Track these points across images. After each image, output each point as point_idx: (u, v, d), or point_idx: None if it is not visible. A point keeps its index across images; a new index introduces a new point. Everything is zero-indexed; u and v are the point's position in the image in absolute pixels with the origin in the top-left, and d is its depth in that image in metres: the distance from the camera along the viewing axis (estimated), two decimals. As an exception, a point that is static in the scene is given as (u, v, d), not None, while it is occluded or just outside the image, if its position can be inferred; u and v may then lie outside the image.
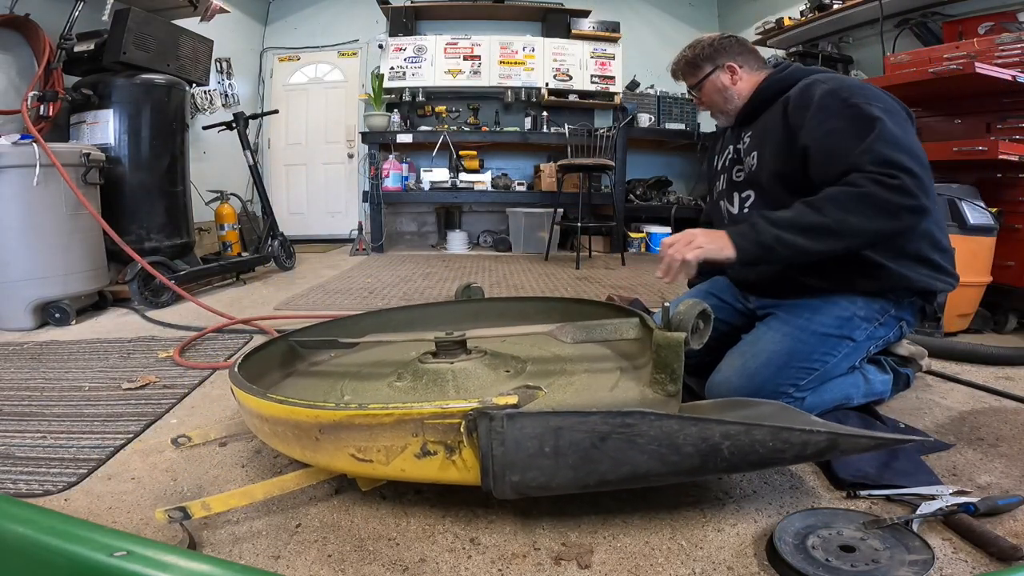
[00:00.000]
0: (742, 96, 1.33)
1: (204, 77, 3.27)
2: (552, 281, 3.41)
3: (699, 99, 1.41)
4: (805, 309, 1.24)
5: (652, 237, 5.00)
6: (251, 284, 3.33)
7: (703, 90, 1.37)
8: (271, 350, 1.31)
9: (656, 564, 0.81)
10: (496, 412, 0.78)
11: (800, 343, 1.20)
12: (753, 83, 1.33)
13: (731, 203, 1.38)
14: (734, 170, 1.37)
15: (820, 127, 1.13)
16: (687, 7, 5.73)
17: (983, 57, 2.24)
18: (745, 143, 1.33)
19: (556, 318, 1.50)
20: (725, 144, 1.45)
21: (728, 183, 1.40)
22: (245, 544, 0.86)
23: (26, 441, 1.21)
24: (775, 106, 1.26)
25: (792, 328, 1.23)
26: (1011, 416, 1.34)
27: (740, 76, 1.33)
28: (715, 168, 1.50)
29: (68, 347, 1.94)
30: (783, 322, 1.25)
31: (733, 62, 1.33)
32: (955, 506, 0.88)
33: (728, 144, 1.43)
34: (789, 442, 0.82)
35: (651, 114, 5.34)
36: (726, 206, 1.40)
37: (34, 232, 2.17)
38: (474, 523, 0.91)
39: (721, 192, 1.44)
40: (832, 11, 3.75)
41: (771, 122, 1.25)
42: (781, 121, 1.21)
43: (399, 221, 5.66)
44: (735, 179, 1.37)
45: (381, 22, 5.39)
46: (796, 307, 1.26)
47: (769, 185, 1.25)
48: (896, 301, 1.23)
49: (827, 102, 1.13)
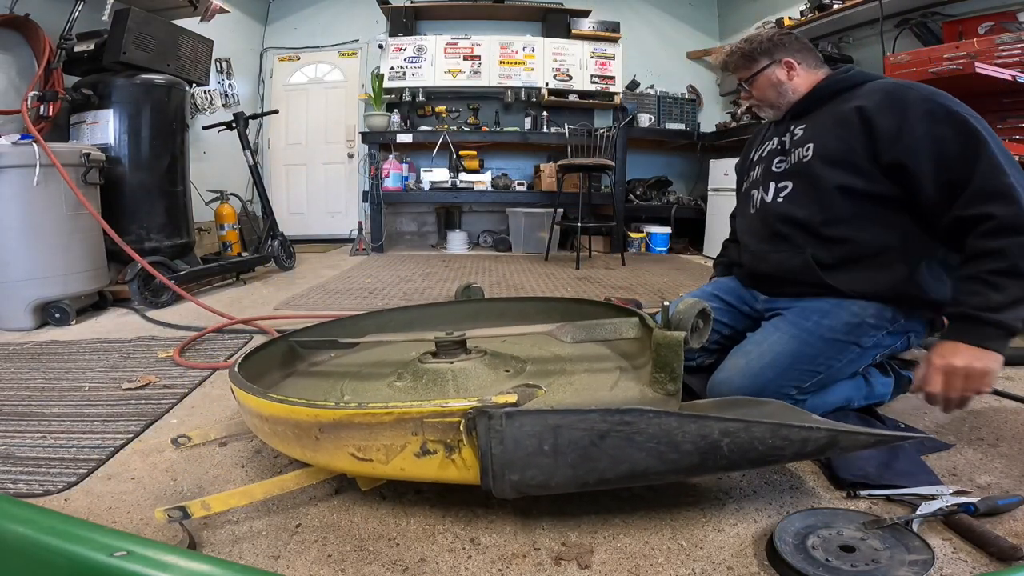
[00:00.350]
0: (797, 92, 1.34)
1: (204, 77, 3.27)
2: (552, 281, 3.41)
3: (749, 92, 1.40)
4: (814, 312, 1.23)
5: (652, 237, 5.00)
6: (251, 284, 3.33)
7: (756, 83, 1.37)
8: (271, 350, 1.31)
9: (656, 564, 0.81)
10: (495, 411, 0.78)
11: (806, 346, 1.20)
12: (811, 80, 1.33)
13: (766, 191, 1.37)
14: (775, 160, 1.37)
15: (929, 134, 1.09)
16: (687, 7, 5.73)
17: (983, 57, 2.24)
18: (796, 135, 1.32)
19: (556, 318, 1.50)
20: (767, 136, 1.45)
21: (764, 172, 1.39)
22: (245, 544, 0.86)
23: (26, 441, 1.21)
24: (837, 103, 1.26)
25: (799, 330, 1.22)
26: (1011, 416, 1.34)
27: (797, 72, 1.33)
28: (749, 159, 1.50)
29: (68, 347, 1.94)
30: (791, 324, 1.24)
31: (791, 58, 1.33)
32: (955, 506, 0.88)
33: (771, 136, 1.42)
34: (789, 439, 0.81)
35: (651, 114, 5.34)
36: (760, 194, 1.39)
37: (34, 232, 2.17)
38: (474, 523, 0.91)
39: (755, 181, 1.43)
40: (832, 11, 3.75)
41: (835, 118, 1.24)
42: (857, 120, 1.19)
43: (399, 221, 5.66)
44: (774, 169, 1.36)
45: (381, 22, 5.39)
46: (805, 309, 1.25)
47: (819, 175, 1.23)
48: (908, 312, 1.23)
49: (931, 108, 1.11)
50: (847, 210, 1.21)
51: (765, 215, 1.36)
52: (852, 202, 1.20)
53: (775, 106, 1.38)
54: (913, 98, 1.13)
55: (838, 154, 1.21)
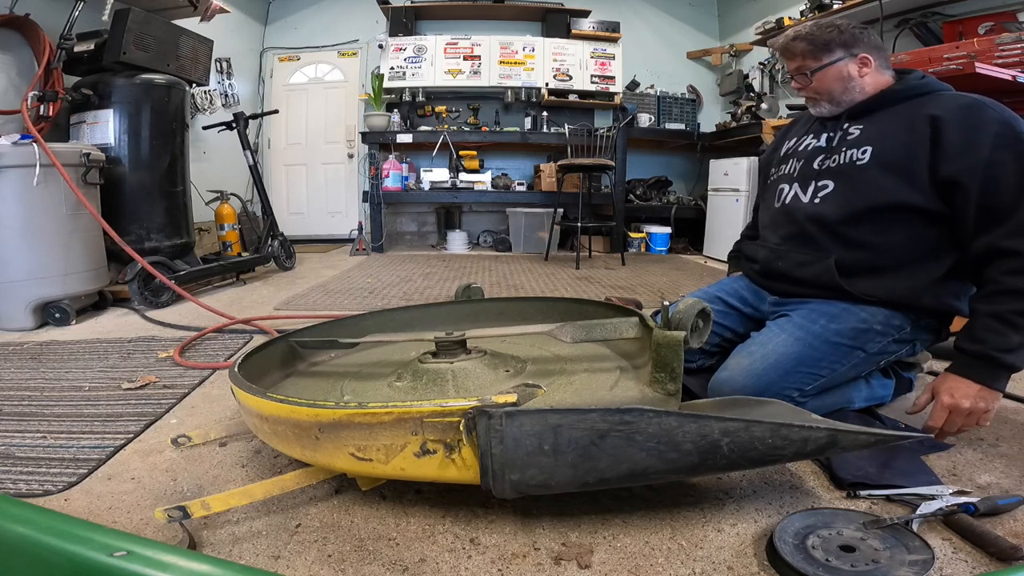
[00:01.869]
0: (864, 91, 1.27)
1: (204, 77, 3.27)
2: (552, 281, 3.41)
3: (807, 82, 1.30)
4: (822, 316, 1.23)
5: (652, 237, 5.00)
6: (251, 284, 3.33)
7: (824, 75, 1.27)
8: (271, 350, 1.31)
9: (656, 564, 0.81)
10: (495, 410, 0.78)
11: (811, 349, 1.19)
12: (879, 82, 1.27)
13: (803, 189, 1.32)
14: (818, 158, 1.32)
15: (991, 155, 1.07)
16: (687, 7, 5.73)
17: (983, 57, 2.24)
18: (852, 135, 1.27)
19: (556, 318, 1.50)
20: (809, 130, 1.39)
21: (803, 169, 1.34)
22: (245, 544, 0.86)
23: (26, 441, 1.21)
24: (906, 108, 1.21)
25: (805, 333, 1.21)
26: (1011, 416, 1.34)
27: (870, 71, 1.26)
28: (782, 152, 1.45)
29: (68, 347, 1.94)
30: (797, 326, 1.23)
31: (869, 54, 1.26)
32: (955, 506, 0.88)
33: (815, 131, 1.37)
34: (789, 439, 0.81)
35: (651, 114, 5.34)
36: (793, 190, 1.34)
37: (34, 232, 2.17)
38: (474, 523, 0.91)
39: (787, 175, 1.38)
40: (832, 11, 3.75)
41: (900, 123, 1.20)
42: (927, 130, 1.15)
43: (399, 221, 5.66)
44: (816, 167, 1.31)
45: (381, 22, 5.39)
46: (813, 312, 1.24)
47: (873, 181, 1.20)
48: (916, 320, 1.22)
49: (1002, 131, 1.08)
50: (891, 222, 1.18)
51: (794, 213, 1.32)
52: (899, 215, 1.18)
53: (835, 101, 1.29)
54: (988, 117, 1.10)
55: (899, 160, 1.17)
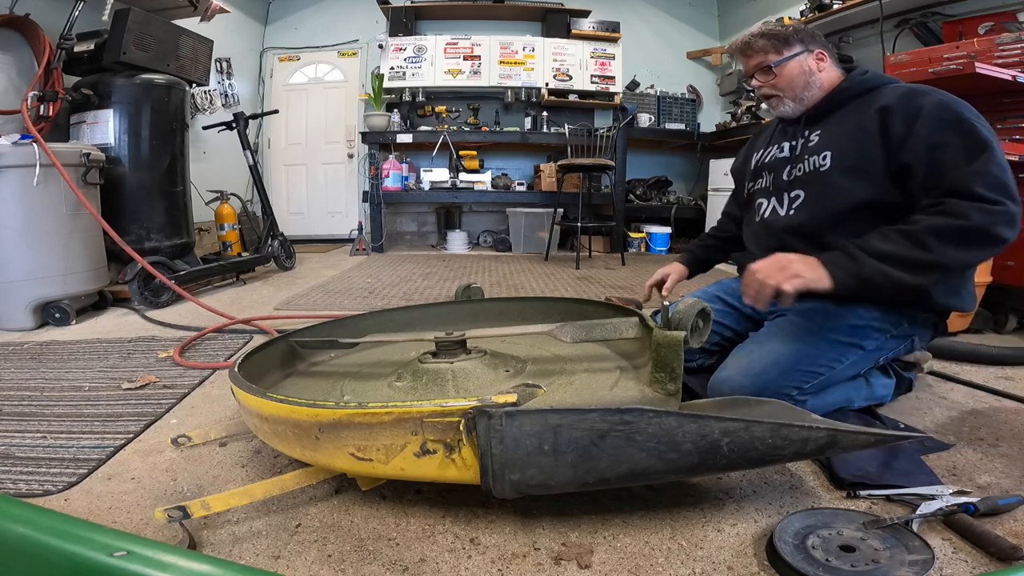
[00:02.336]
0: (822, 87, 1.28)
1: (204, 77, 3.27)
2: (552, 281, 3.41)
3: (770, 78, 1.30)
4: (818, 314, 1.23)
5: (652, 237, 5.00)
6: (251, 284, 3.33)
7: (785, 69, 1.28)
8: (271, 350, 1.31)
9: (656, 564, 0.81)
10: (495, 410, 0.78)
11: (809, 347, 1.19)
12: (833, 78, 1.29)
13: (779, 203, 1.33)
14: (785, 168, 1.32)
15: (931, 138, 1.08)
16: (687, 7, 5.73)
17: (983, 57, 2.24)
18: (812, 142, 1.28)
19: (556, 318, 1.50)
20: (773, 140, 1.40)
21: (775, 181, 1.34)
22: (245, 544, 0.86)
23: (26, 441, 1.21)
24: (853, 107, 1.22)
25: (802, 332, 1.22)
26: (1011, 416, 1.34)
27: (826, 66, 1.28)
28: (754, 164, 1.45)
29: (68, 347, 1.94)
30: (795, 325, 1.24)
31: (824, 51, 1.28)
32: (955, 506, 0.88)
33: (779, 141, 1.37)
34: (789, 439, 0.81)
35: (651, 114, 5.34)
36: (771, 205, 1.35)
37: (34, 232, 2.17)
38: (474, 523, 0.91)
39: (762, 190, 1.39)
40: (832, 11, 3.75)
41: (852, 123, 1.21)
42: (876, 126, 1.15)
43: (399, 221, 5.66)
44: (785, 178, 1.31)
45: (381, 22, 5.39)
46: (809, 311, 1.24)
47: (837, 186, 1.20)
48: (912, 316, 1.22)
49: (941, 114, 1.09)
50: (859, 221, 1.18)
51: (772, 226, 1.33)
52: (865, 213, 1.18)
53: (798, 98, 1.29)
54: (927, 102, 1.11)
55: (857, 161, 1.18)
